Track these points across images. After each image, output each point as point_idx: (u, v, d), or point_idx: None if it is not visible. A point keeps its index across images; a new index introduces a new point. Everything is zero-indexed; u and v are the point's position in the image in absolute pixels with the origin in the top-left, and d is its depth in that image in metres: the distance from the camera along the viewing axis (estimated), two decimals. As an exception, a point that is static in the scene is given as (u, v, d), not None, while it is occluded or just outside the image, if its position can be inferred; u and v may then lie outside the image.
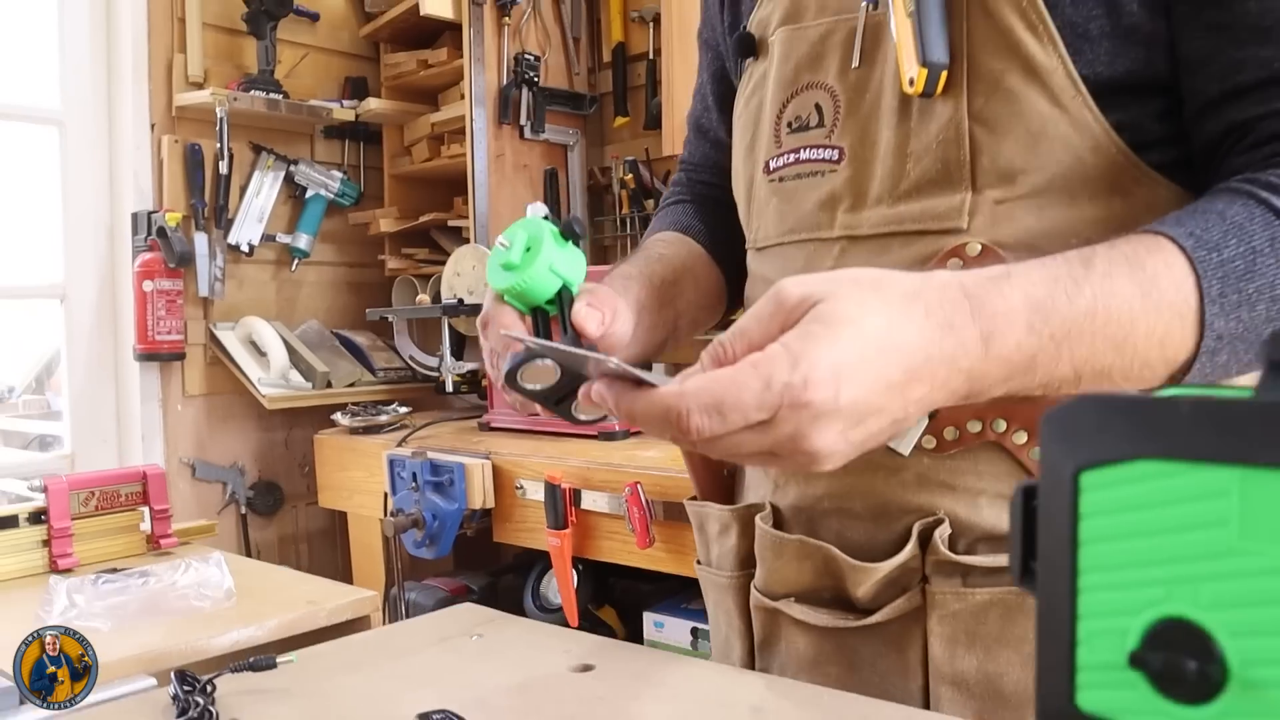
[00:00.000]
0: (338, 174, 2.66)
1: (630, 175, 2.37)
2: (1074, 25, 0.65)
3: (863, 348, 0.51)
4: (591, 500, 1.77)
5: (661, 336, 0.82)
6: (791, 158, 0.77)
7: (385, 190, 2.72)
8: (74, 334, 2.42)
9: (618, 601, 2.05)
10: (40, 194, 2.44)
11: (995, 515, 0.69)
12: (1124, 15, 0.65)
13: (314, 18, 2.67)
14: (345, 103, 2.60)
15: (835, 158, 0.74)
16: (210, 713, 0.72)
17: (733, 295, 0.94)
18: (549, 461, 1.86)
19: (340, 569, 2.63)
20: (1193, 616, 0.33)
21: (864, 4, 0.74)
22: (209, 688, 0.76)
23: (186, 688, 0.75)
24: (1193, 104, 0.66)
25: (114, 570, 1.16)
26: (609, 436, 1.95)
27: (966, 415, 0.69)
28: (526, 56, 2.41)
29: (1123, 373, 0.57)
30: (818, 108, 0.76)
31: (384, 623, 2.08)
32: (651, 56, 2.45)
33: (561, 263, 0.68)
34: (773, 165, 0.79)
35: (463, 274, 2.08)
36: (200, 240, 2.40)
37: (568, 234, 0.68)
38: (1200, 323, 0.56)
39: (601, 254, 2.60)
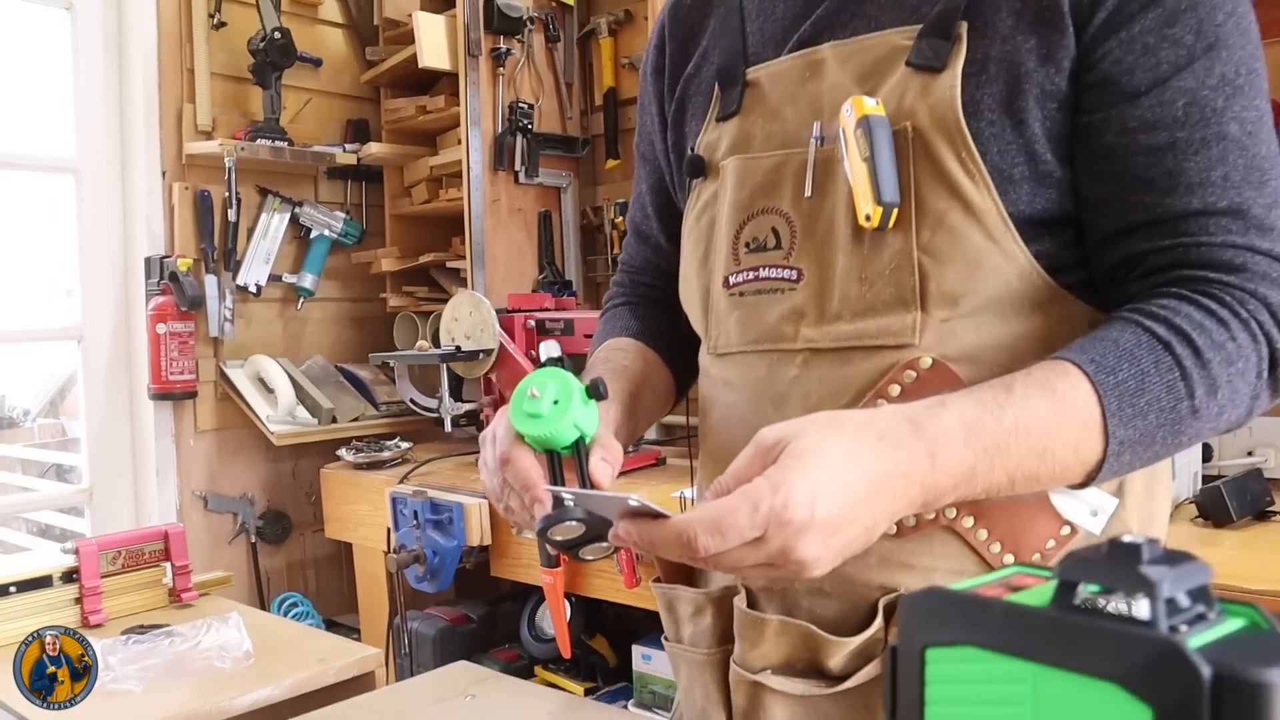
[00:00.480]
0: (340, 214, 2.76)
1: (621, 218, 2.48)
2: (1001, 170, 0.76)
3: (830, 471, 0.62)
4: (583, 540, 1.88)
5: (625, 442, 0.93)
6: (751, 275, 0.86)
7: (386, 229, 2.83)
8: (91, 373, 2.53)
9: (610, 632, 2.16)
10: (58, 239, 2.55)
11: None
12: (1040, 163, 0.76)
13: (317, 63, 2.77)
14: (348, 146, 2.70)
15: (794, 277, 0.83)
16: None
17: (680, 390, 1.04)
18: (543, 502, 1.96)
19: (345, 594, 2.74)
20: None
21: (812, 140, 0.83)
22: (235, 755, 0.86)
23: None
24: (1093, 237, 0.78)
25: (141, 628, 1.27)
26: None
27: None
28: (521, 105, 2.51)
29: (1048, 476, 0.68)
30: (774, 231, 0.85)
31: (388, 657, 2.19)
32: (641, 102, 2.55)
33: (582, 418, 0.77)
34: (732, 280, 0.88)
35: (460, 319, 2.18)
36: (210, 283, 2.51)
37: (593, 394, 0.78)
38: (1105, 433, 0.68)
39: (594, 290, 2.71)
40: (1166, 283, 0.74)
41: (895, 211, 0.76)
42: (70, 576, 1.34)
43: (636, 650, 2.00)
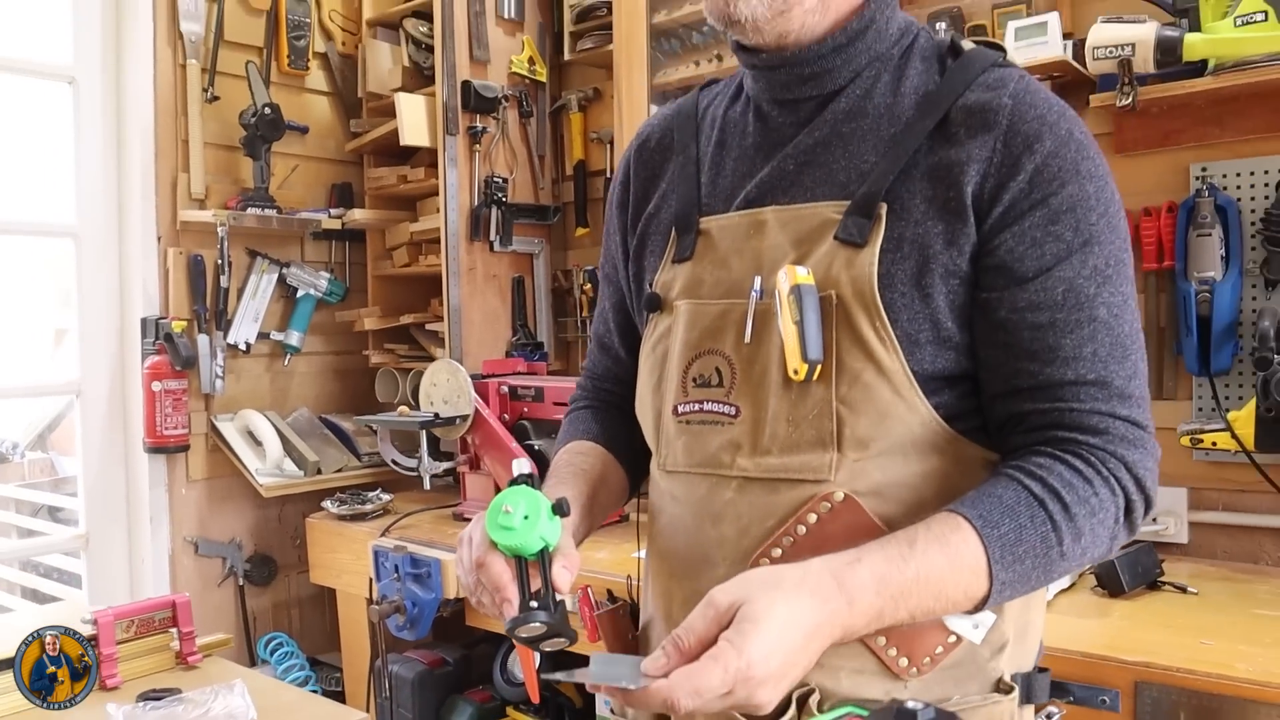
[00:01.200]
0: (325, 274, 2.93)
1: (589, 285, 2.66)
2: (909, 335, 0.92)
3: (779, 631, 0.78)
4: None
5: (583, 538, 1.09)
6: (696, 407, 1.00)
7: (369, 289, 3.00)
8: (88, 425, 2.68)
9: (576, 674, 2.33)
10: (58, 299, 2.71)
11: (851, 684, 0.93)
12: (942, 330, 0.92)
13: (304, 130, 2.94)
14: (332, 211, 2.87)
15: (733, 413, 0.97)
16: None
17: (633, 486, 1.18)
18: (514, 558, 2.14)
19: (328, 633, 2.90)
20: None
21: (753, 293, 0.97)
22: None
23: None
24: (986, 392, 0.95)
25: (155, 692, 1.44)
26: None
27: None
28: (495, 179, 2.69)
29: (942, 610, 0.86)
30: (718, 370, 0.99)
31: (369, 697, 2.35)
32: (609, 174, 2.74)
33: (548, 531, 0.90)
34: (680, 409, 1.02)
35: (438, 384, 2.36)
36: (202, 342, 2.67)
37: (557, 511, 0.93)
38: (990, 576, 0.85)
39: (564, 349, 2.89)
40: (1045, 440, 0.91)
41: (819, 367, 0.92)
42: (91, 643, 1.50)
43: (599, 696, 2.17)
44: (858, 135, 0.97)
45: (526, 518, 0.90)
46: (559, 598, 0.91)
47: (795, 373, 0.92)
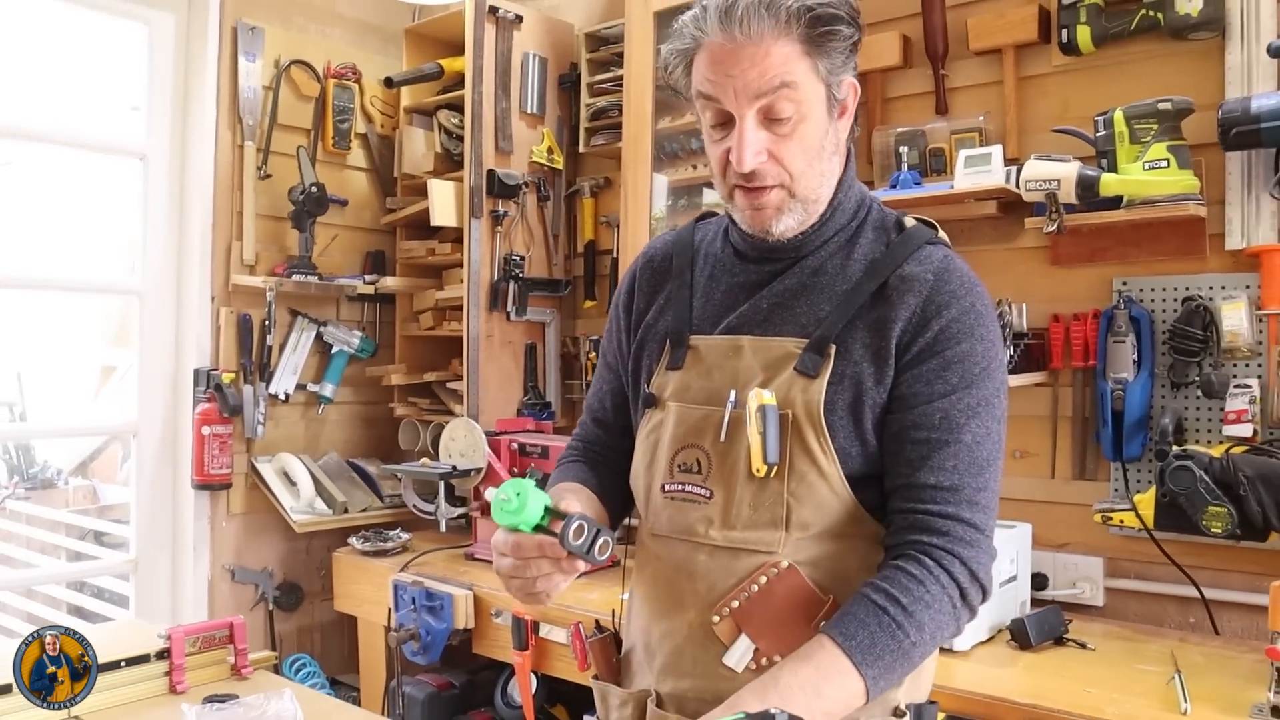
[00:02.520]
0: (358, 333, 3.27)
1: (594, 353, 2.99)
2: (844, 450, 1.20)
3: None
4: (547, 630, 2.36)
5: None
6: (680, 487, 1.27)
7: (397, 347, 3.33)
8: (142, 463, 3.00)
9: (567, 702, 2.63)
10: (106, 340, 3.04)
11: None
12: (868, 446, 1.21)
13: (344, 204, 3.28)
14: (366, 278, 3.20)
15: (708, 495, 1.24)
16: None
17: (612, 526, 1.38)
18: (517, 596, 2.45)
19: (346, 656, 3.20)
20: None
21: (729, 404, 1.23)
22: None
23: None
24: (885, 490, 1.24)
25: (218, 696, 1.74)
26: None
27: (773, 653, 1.19)
28: (514, 256, 3.03)
29: (842, 710, 1.10)
30: (698, 461, 1.25)
31: (384, 703, 2.65)
32: (615, 255, 3.07)
33: (539, 499, 1.10)
34: (667, 488, 1.28)
35: (456, 439, 2.68)
36: (247, 391, 3.00)
37: (540, 484, 1.15)
38: (859, 673, 1.10)
39: (570, 408, 3.21)
40: (899, 544, 1.17)
41: (776, 468, 1.19)
42: (162, 655, 1.81)
43: (588, 719, 2.47)
44: (818, 288, 1.25)
45: (519, 494, 1.09)
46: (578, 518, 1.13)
47: (758, 470, 1.19)
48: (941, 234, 1.29)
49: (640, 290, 1.42)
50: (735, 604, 1.22)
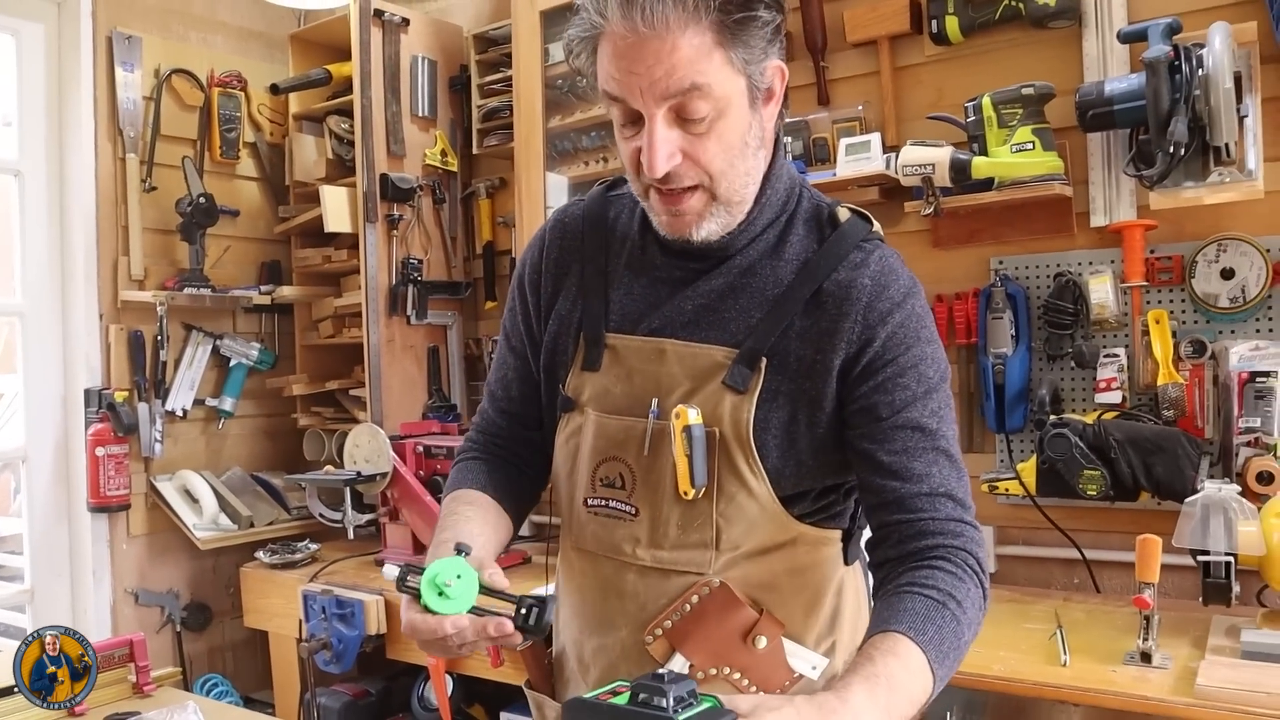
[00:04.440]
0: (256, 345, 3.22)
1: (496, 353, 3.00)
2: (777, 469, 1.14)
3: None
4: (459, 630, 2.36)
5: (494, 552, 1.25)
6: (603, 503, 1.20)
7: (297, 357, 3.29)
8: (34, 489, 2.92)
9: (484, 700, 2.64)
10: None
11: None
12: (803, 465, 1.15)
13: (235, 214, 3.23)
14: (262, 288, 3.16)
15: (633, 513, 1.18)
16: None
17: (516, 526, 1.30)
18: (428, 599, 2.44)
19: (260, 673, 3.15)
20: None
21: (650, 414, 1.16)
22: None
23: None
24: (864, 506, 1.16)
25: (119, 715, 1.71)
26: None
27: (708, 666, 1.17)
28: (412, 260, 3.02)
29: (912, 706, 0.99)
30: (621, 476, 1.19)
31: (301, 712, 2.62)
32: (514, 253, 3.08)
33: (469, 579, 1.05)
34: (590, 502, 1.21)
35: (360, 445, 2.67)
36: (142, 410, 2.93)
37: (461, 551, 1.07)
38: (931, 671, 1.00)
39: (475, 410, 3.20)
40: (917, 550, 1.09)
41: (703, 490, 1.14)
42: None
43: (505, 715, 2.49)
44: (748, 291, 1.16)
45: (460, 577, 1.05)
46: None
47: (685, 494, 1.14)
48: (876, 228, 1.21)
49: (548, 269, 1.29)
50: (668, 624, 1.19)
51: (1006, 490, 2.22)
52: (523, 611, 1.06)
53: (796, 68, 2.65)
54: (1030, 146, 2.16)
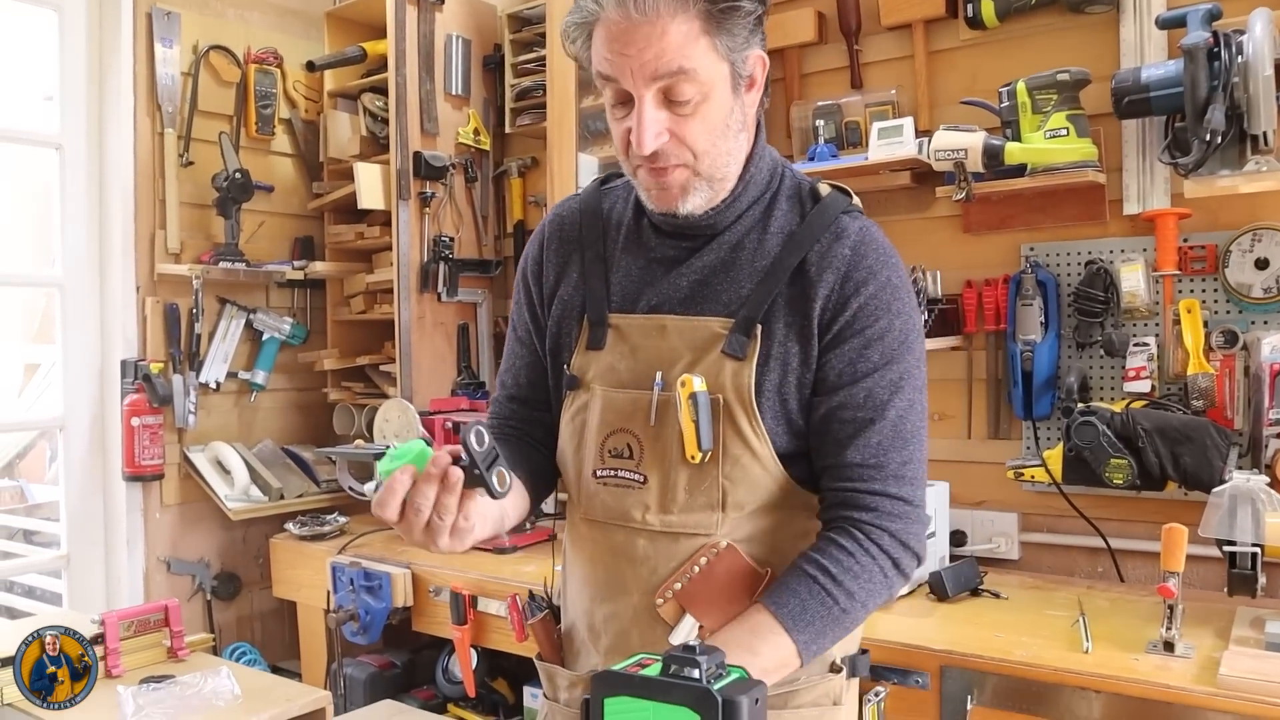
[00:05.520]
0: (289, 319, 3.26)
1: (525, 332, 3.02)
2: (772, 429, 1.21)
3: None
4: (485, 604, 2.40)
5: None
6: (612, 473, 1.26)
7: (328, 332, 3.33)
8: (71, 457, 2.97)
9: (508, 675, 2.67)
10: (29, 338, 2.99)
11: None
12: (794, 424, 1.22)
13: (270, 190, 3.27)
14: (295, 263, 3.20)
15: (642, 480, 1.24)
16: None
17: (534, 502, 1.34)
18: (454, 573, 2.48)
19: (287, 643, 3.20)
20: None
21: (655, 386, 1.22)
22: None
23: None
24: (816, 468, 1.26)
25: (154, 678, 1.76)
26: (500, 551, 2.59)
27: (717, 629, 1.18)
28: (443, 238, 3.04)
29: (764, 667, 1.08)
30: (629, 446, 1.24)
31: (327, 684, 2.66)
32: (543, 234, 3.10)
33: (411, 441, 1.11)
34: (599, 473, 1.26)
35: (390, 420, 2.70)
36: (177, 381, 2.98)
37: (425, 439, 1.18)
38: (791, 637, 1.12)
39: (504, 387, 3.23)
40: (831, 519, 1.20)
41: (710, 453, 1.20)
42: (97, 640, 1.82)
43: (528, 690, 2.52)
44: (737, 265, 1.24)
45: (397, 438, 1.19)
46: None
47: (692, 458, 1.20)
48: (855, 200, 1.28)
49: (549, 260, 1.36)
50: (678, 586, 1.23)
51: (1032, 477, 2.22)
52: (473, 434, 1.06)
53: (830, 51, 2.65)
54: (1064, 133, 2.15)
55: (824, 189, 1.27)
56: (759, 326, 1.20)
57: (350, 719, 1.49)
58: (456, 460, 1.08)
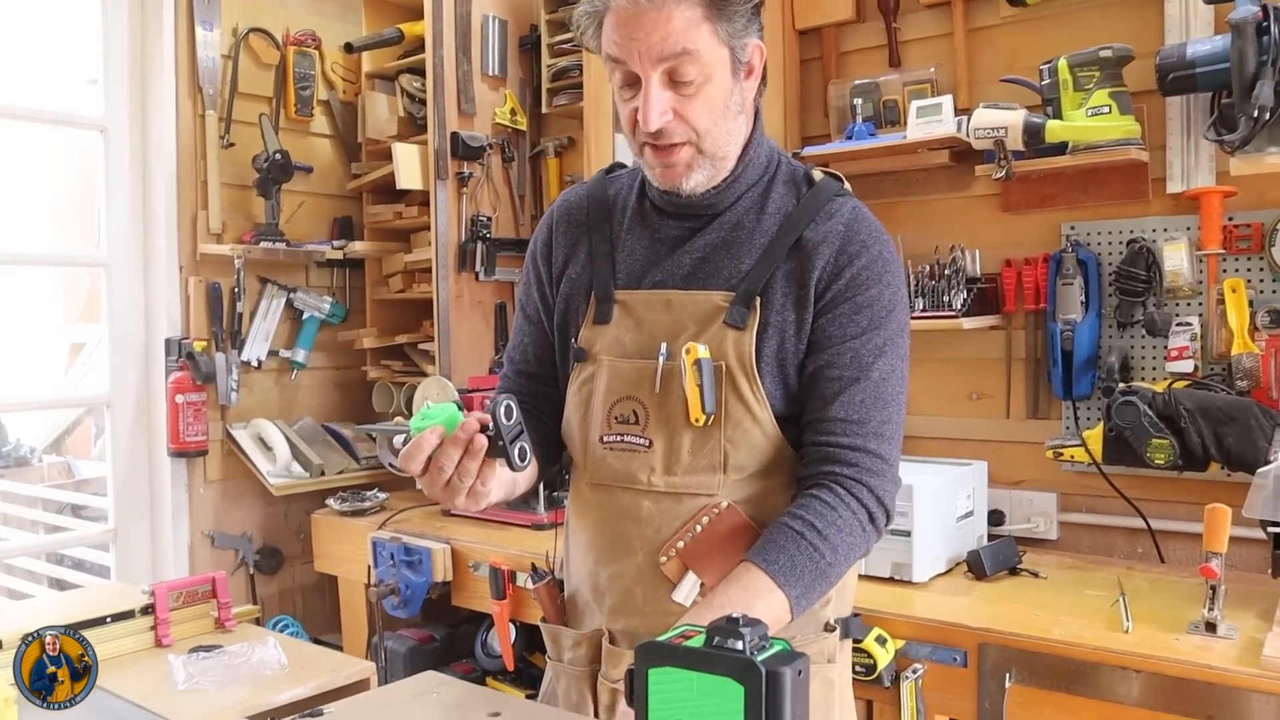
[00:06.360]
0: (328, 299, 3.30)
1: (561, 311, 3.04)
2: (771, 394, 1.29)
3: None
4: (523, 580, 2.43)
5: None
6: (619, 438, 1.34)
7: (367, 311, 3.36)
8: (117, 433, 3.03)
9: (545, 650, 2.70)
10: (72, 318, 3.05)
11: None
12: (790, 389, 1.31)
13: (309, 170, 3.30)
14: (335, 243, 3.23)
15: (647, 444, 1.32)
16: (293, 744, 1.35)
17: (542, 473, 1.44)
18: (493, 548, 2.52)
19: (329, 618, 3.26)
20: (684, 718, 0.98)
21: (660, 355, 1.30)
22: (289, 730, 1.38)
23: (278, 730, 1.38)
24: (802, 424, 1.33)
25: (203, 647, 1.80)
26: (539, 528, 2.61)
27: (716, 584, 1.24)
28: (481, 217, 3.06)
29: (775, 620, 1.17)
30: (635, 412, 1.32)
31: (368, 657, 2.71)
32: (579, 214, 3.11)
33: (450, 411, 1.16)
34: (606, 439, 1.34)
35: (429, 398, 2.72)
36: (219, 359, 3.02)
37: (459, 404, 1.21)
38: (784, 592, 1.19)
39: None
40: (811, 475, 1.27)
41: (712, 416, 1.28)
42: (147, 610, 1.86)
43: (565, 665, 2.54)
44: (737, 243, 1.33)
45: (430, 403, 1.20)
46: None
47: (697, 420, 1.28)
48: (847, 185, 1.38)
49: (558, 243, 1.45)
50: (681, 544, 1.30)
51: (1071, 457, 2.21)
52: (502, 408, 1.12)
53: (868, 29, 2.63)
54: (1106, 110, 2.13)
55: (817, 174, 1.37)
56: (758, 298, 1.28)
57: (394, 688, 1.51)
58: (484, 429, 1.14)
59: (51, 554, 3.65)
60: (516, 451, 1.15)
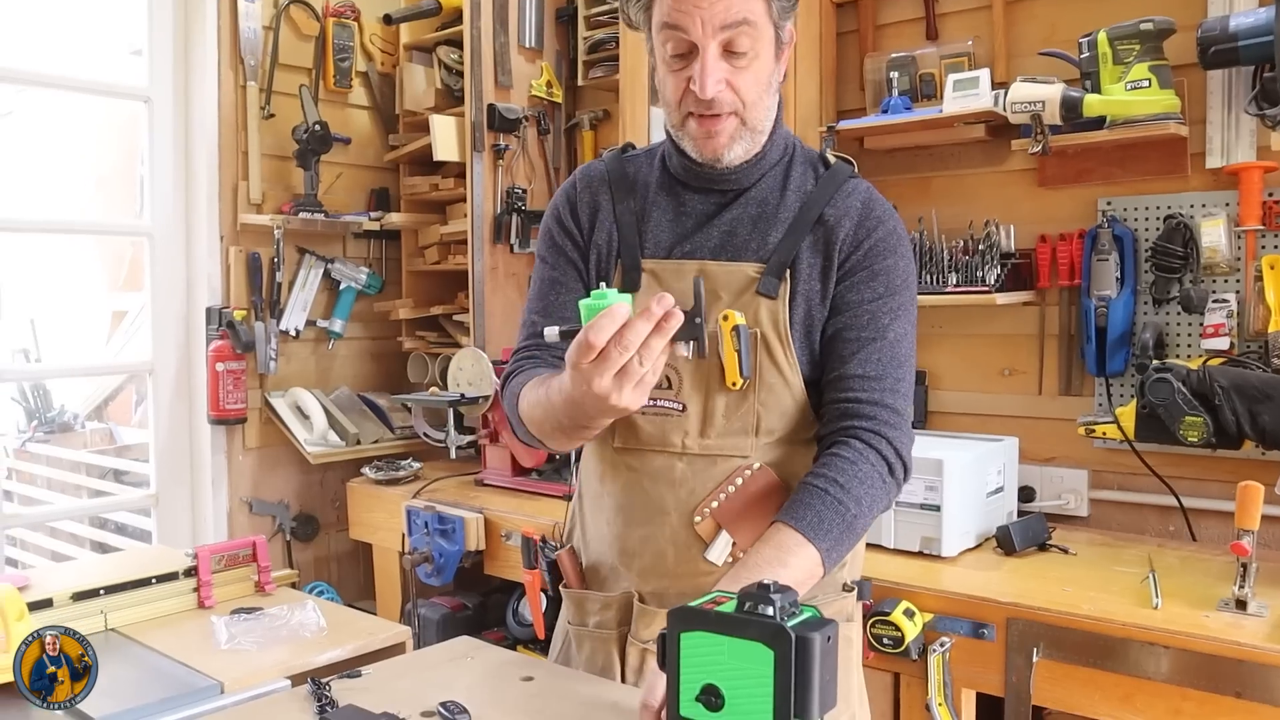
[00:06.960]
0: (365, 269, 3.34)
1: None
2: (800, 359, 1.35)
3: None
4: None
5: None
6: (653, 403, 1.35)
7: (403, 282, 3.40)
8: (159, 400, 3.09)
9: (577, 618, 2.74)
10: (115, 286, 3.11)
11: None
12: (814, 356, 1.36)
13: (347, 142, 3.33)
14: (372, 214, 3.27)
15: (681, 409, 1.36)
16: (332, 700, 1.39)
17: None
18: (525, 518, 2.55)
19: (363, 585, 3.32)
20: (714, 682, 1.01)
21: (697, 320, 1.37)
22: (328, 686, 1.42)
23: (316, 686, 1.42)
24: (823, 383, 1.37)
25: (244, 609, 1.85)
26: (570, 498, 2.64)
27: (748, 546, 1.29)
28: (516, 189, 3.08)
29: (809, 578, 1.23)
30: (668, 378, 1.35)
31: (402, 621, 2.76)
32: (614, 187, 3.12)
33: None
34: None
35: (464, 369, 2.76)
36: (259, 328, 3.08)
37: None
38: (815, 546, 1.23)
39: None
40: (833, 432, 1.31)
41: (748, 381, 1.33)
42: (190, 572, 1.91)
43: (596, 633, 2.58)
44: (763, 218, 1.38)
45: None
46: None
47: (734, 384, 1.33)
48: (855, 168, 1.45)
49: (581, 211, 1.44)
50: (715, 504, 1.34)
51: (1104, 434, 2.20)
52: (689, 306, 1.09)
53: (905, 1, 2.61)
54: (1146, 84, 2.10)
55: (831, 158, 1.44)
56: (789, 270, 1.34)
57: (429, 652, 1.55)
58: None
59: (94, 518, 3.73)
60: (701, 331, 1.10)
